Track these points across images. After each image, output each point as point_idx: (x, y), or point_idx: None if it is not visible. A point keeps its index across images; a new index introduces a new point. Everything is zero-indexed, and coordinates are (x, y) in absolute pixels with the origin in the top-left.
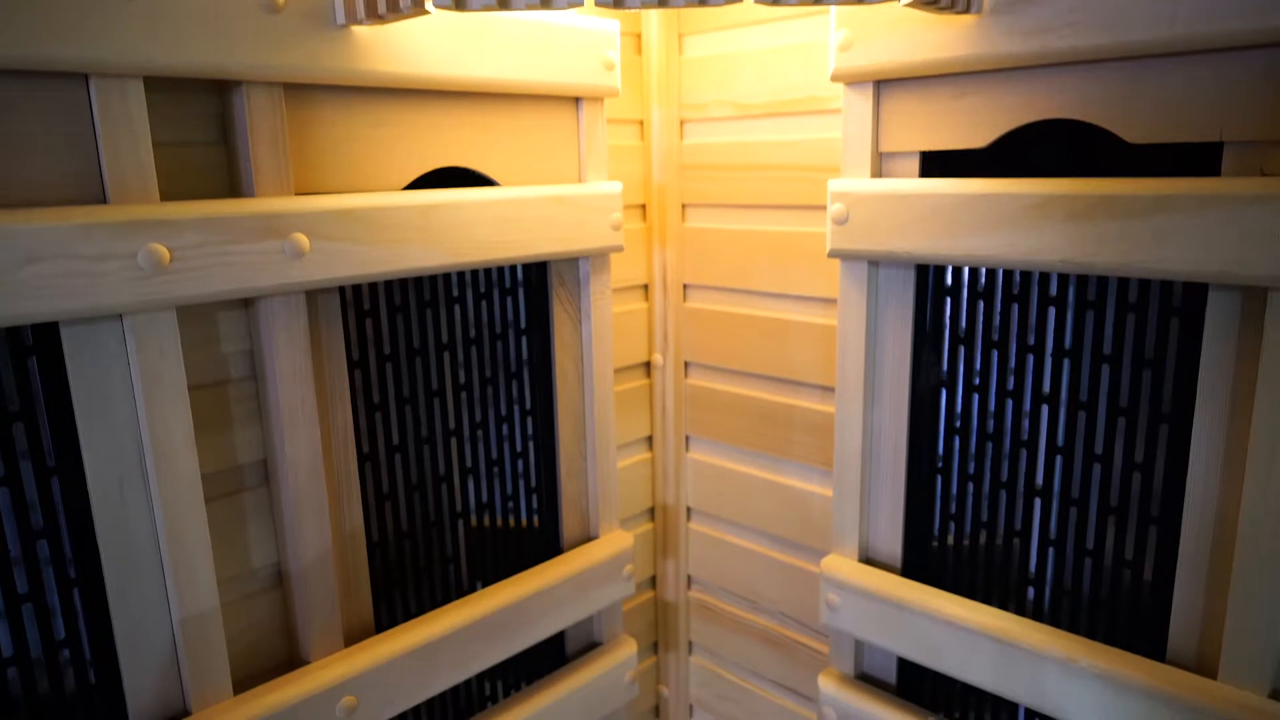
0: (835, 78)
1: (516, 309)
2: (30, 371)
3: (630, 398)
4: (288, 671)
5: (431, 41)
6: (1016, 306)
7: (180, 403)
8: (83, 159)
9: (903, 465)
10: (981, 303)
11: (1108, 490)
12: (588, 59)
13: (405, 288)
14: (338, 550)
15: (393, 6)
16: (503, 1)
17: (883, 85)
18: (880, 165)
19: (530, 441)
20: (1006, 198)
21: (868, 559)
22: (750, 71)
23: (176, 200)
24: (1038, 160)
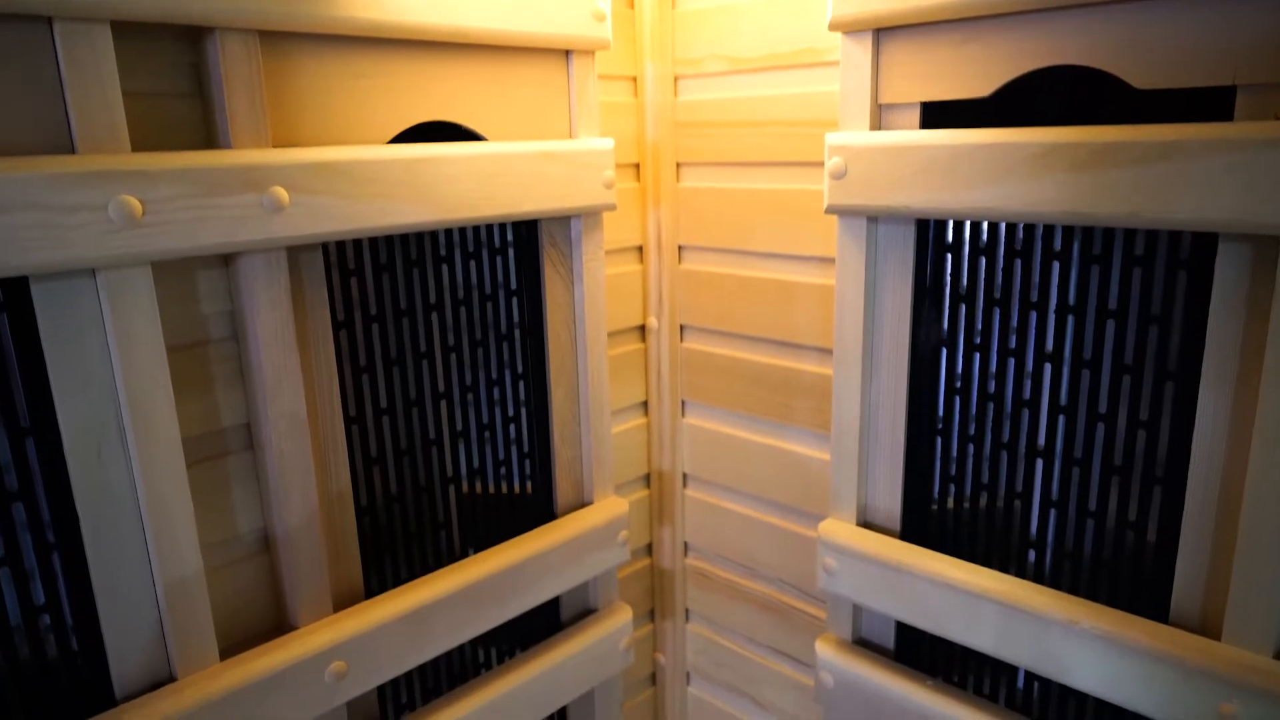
0: (834, 26)
1: (507, 270)
2: (1, 328)
3: (625, 362)
4: (276, 638)
5: None
6: (1019, 262)
7: (158, 363)
8: (49, 108)
9: (902, 427)
10: (983, 259)
11: (1111, 450)
12: (577, 9)
13: (391, 246)
14: (325, 515)
15: None
16: None
17: (882, 34)
18: (880, 118)
19: (522, 406)
20: (1009, 147)
21: (866, 523)
22: (746, 24)
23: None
24: (1042, 110)
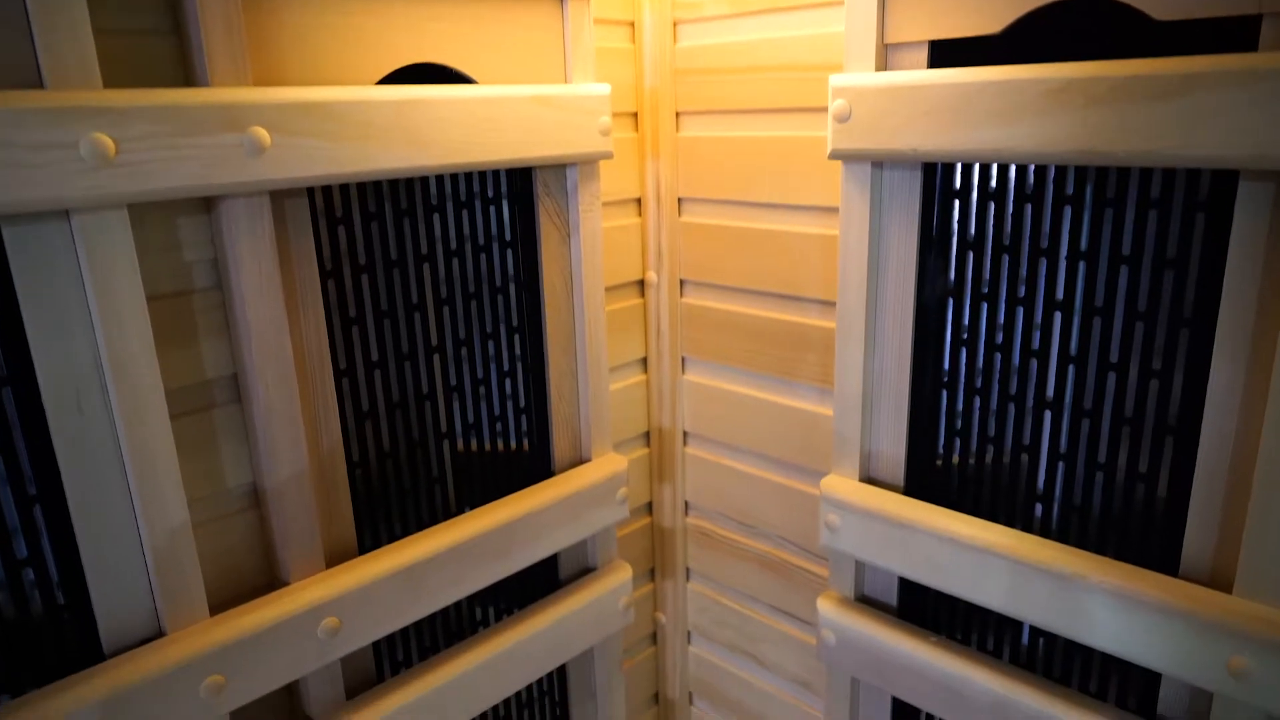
0: None
1: (500, 220)
2: None
3: (623, 318)
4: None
5: None
6: (1030, 207)
7: (138, 310)
8: (15, 42)
9: (906, 380)
10: (992, 204)
11: (1122, 400)
12: None
13: (380, 193)
14: (316, 470)
15: None
16: None
17: None
18: (885, 58)
19: (518, 361)
20: (1022, 84)
21: (869, 479)
22: None
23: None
24: (1055, 46)
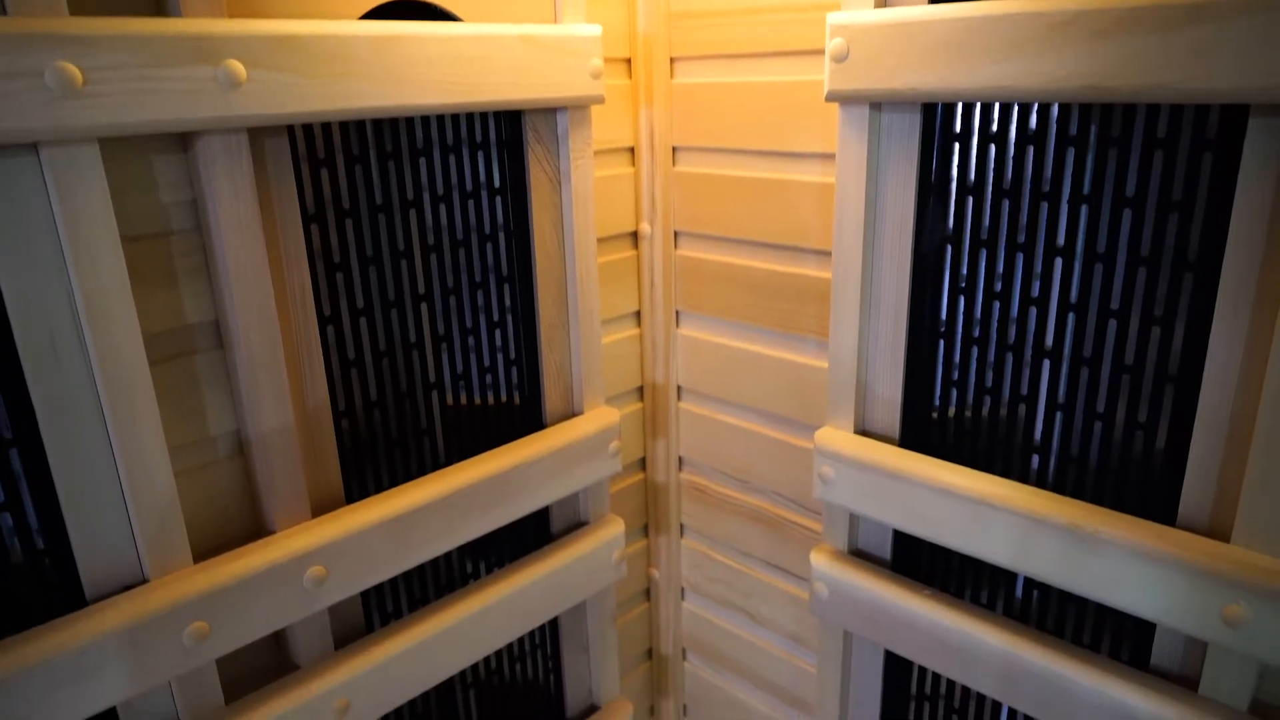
0: None
1: (489, 167)
2: None
3: (616, 270)
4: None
5: None
6: (1031, 149)
7: (112, 250)
8: None
9: (903, 330)
10: (993, 147)
11: (1123, 348)
12: None
13: (364, 135)
14: (301, 418)
15: None
16: None
17: None
18: None
19: (508, 312)
20: (1027, 17)
21: (864, 431)
22: None
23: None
24: None
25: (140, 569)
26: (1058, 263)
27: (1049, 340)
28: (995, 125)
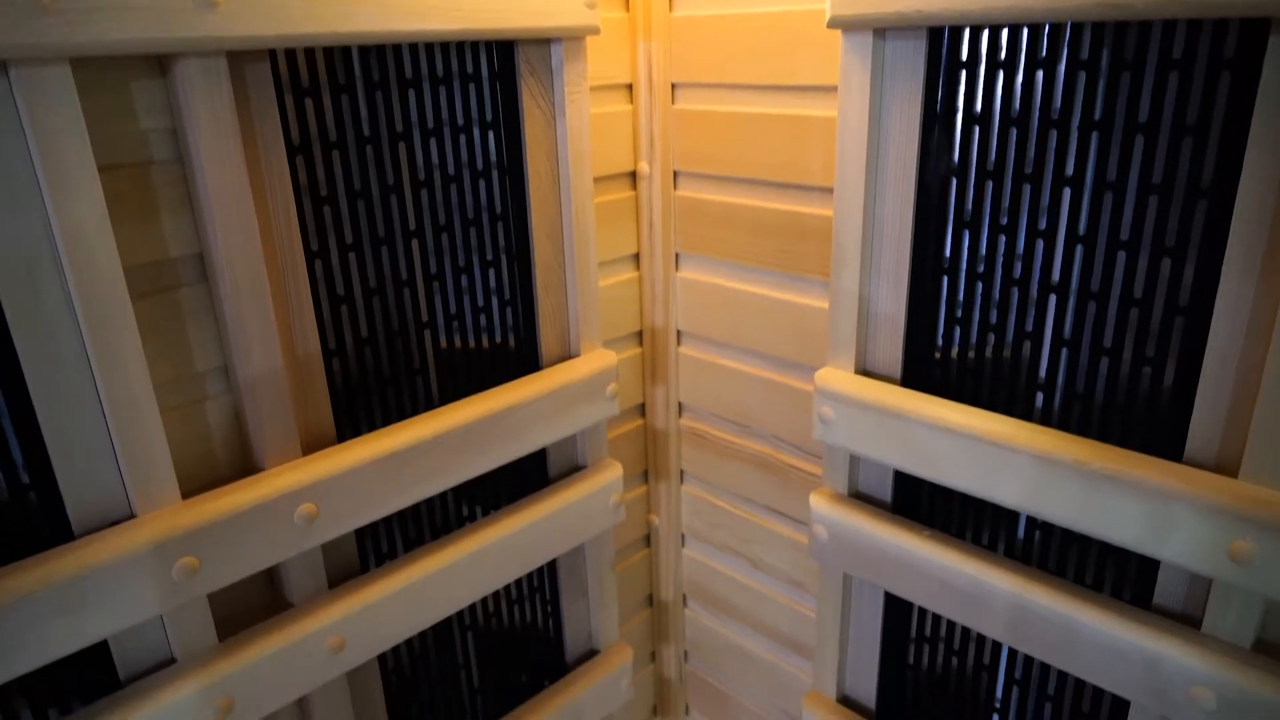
0: None
1: (481, 100)
2: None
3: (614, 210)
4: None
5: None
6: (1041, 75)
7: (88, 177)
8: None
9: (906, 265)
10: (1001, 74)
11: (1131, 281)
12: None
13: (349, 65)
14: (289, 354)
15: None
16: None
17: None
18: None
19: (502, 252)
20: None
21: (865, 371)
22: None
23: None
24: None
25: (128, 505)
26: (1066, 193)
27: (1055, 274)
28: (1004, 51)
